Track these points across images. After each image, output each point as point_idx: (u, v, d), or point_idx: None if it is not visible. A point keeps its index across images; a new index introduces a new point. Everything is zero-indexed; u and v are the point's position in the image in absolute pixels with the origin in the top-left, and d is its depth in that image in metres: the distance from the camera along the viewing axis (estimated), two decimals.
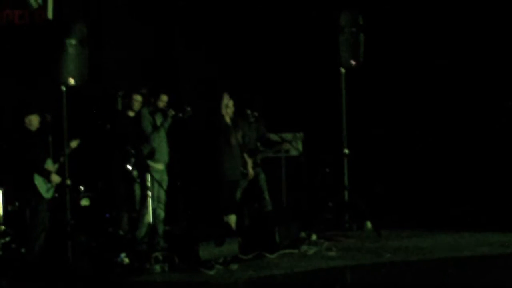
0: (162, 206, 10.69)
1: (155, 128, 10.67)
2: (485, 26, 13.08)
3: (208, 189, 11.73)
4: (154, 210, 10.44)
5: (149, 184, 10.42)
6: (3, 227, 10.59)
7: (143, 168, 10.54)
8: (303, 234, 11.44)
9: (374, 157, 13.40)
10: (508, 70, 13.07)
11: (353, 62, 12.53)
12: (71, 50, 10.44)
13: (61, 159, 10.62)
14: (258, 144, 12.01)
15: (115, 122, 11.64)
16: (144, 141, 10.64)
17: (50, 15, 12.42)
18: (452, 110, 13.35)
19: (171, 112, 10.67)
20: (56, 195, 10.60)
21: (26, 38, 12.52)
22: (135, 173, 10.90)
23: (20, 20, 12.45)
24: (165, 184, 10.81)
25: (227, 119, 11.45)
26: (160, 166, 10.72)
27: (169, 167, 10.96)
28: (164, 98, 10.76)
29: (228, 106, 11.42)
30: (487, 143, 13.13)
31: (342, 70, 12.62)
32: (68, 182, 10.64)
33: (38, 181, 10.04)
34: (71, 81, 10.55)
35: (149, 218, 10.38)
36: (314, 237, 11.46)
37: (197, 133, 12.14)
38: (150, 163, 10.57)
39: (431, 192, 13.06)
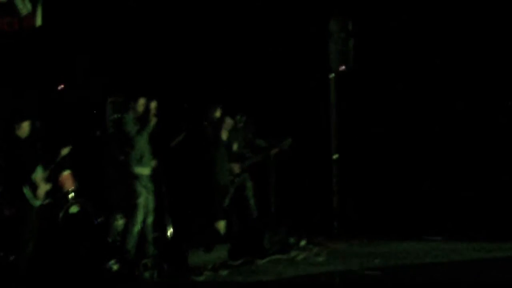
0: (150, 213, 10.55)
1: (138, 132, 10.47)
2: (483, 28, 12.97)
3: (198, 194, 11.69)
4: (144, 218, 10.37)
5: (138, 192, 10.32)
6: None
7: (131, 175, 10.44)
8: (292, 240, 11.46)
9: (365, 163, 13.39)
10: (508, 70, 13.03)
11: (342, 68, 12.56)
12: None
13: (51, 166, 10.60)
14: (246, 150, 11.99)
15: (105, 129, 11.62)
16: (129, 145, 10.45)
17: (39, 22, 12.39)
18: (446, 113, 13.31)
19: (154, 119, 10.54)
20: (46, 202, 10.57)
21: (15, 45, 12.52)
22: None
23: (9, 28, 12.43)
24: (151, 191, 10.65)
25: (224, 136, 11.49)
26: (146, 171, 10.48)
27: (154, 174, 10.87)
28: (142, 101, 10.60)
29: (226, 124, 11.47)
30: (485, 144, 13.06)
31: (332, 75, 12.65)
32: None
33: (27, 189, 10.01)
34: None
35: (138, 227, 10.27)
36: (303, 242, 11.48)
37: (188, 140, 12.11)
38: (138, 169, 10.43)
39: (420, 199, 13.03)
